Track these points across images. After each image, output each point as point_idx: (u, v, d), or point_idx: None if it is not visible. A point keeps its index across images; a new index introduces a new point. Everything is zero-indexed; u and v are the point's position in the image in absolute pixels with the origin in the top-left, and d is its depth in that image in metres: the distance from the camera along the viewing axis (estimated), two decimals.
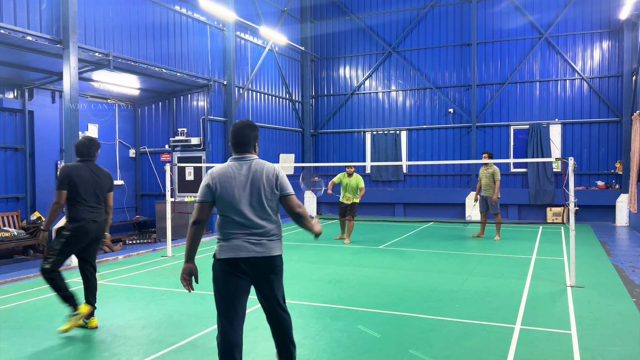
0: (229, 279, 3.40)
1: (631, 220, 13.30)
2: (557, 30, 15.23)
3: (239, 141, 3.52)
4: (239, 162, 3.45)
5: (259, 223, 3.38)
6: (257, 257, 3.36)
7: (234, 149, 3.53)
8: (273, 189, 3.43)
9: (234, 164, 3.45)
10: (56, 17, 8.95)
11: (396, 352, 4.36)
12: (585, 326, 5.04)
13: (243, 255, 3.34)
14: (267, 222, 3.41)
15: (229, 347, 3.31)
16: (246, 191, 3.37)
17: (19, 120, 10.65)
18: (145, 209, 13.98)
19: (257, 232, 3.38)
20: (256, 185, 3.39)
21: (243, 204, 3.36)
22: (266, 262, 3.39)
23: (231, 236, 3.38)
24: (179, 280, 7.33)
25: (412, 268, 8.07)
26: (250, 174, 3.41)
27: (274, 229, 3.45)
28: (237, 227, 3.37)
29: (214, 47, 13.30)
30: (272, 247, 3.42)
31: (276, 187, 3.44)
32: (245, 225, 3.37)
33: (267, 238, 3.40)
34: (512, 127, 15.73)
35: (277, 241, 3.48)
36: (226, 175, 3.39)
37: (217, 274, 3.48)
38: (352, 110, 17.83)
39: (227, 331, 3.34)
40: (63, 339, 4.80)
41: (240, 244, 3.36)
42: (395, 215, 16.90)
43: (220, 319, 3.41)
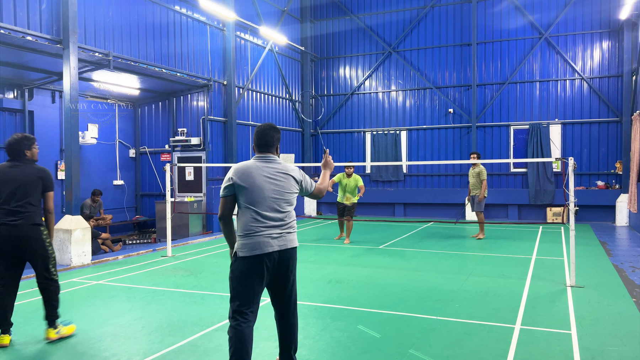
0: (251, 276, 3.54)
1: (631, 220, 13.30)
2: (557, 30, 15.23)
3: (263, 142, 3.70)
4: (262, 161, 3.65)
5: (278, 216, 3.56)
6: (280, 250, 3.53)
7: (257, 149, 3.73)
8: (295, 187, 3.68)
9: (257, 161, 3.65)
10: (56, 17, 8.95)
11: (396, 352, 4.36)
12: (585, 326, 5.03)
13: (267, 250, 3.49)
14: (285, 215, 3.60)
15: (243, 342, 3.48)
16: (267, 187, 3.54)
17: (19, 120, 10.65)
18: (145, 209, 13.99)
19: (277, 224, 3.55)
20: (277, 183, 3.58)
21: (263, 198, 3.53)
22: (287, 254, 3.58)
23: (252, 232, 3.51)
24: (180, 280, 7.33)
25: (412, 268, 8.07)
26: (272, 171, 3.60)
27: (291, 222, 3.65)
28: (256, 222, 3.52)
29: (214, 47, 13.30)
30: (291, 239, 3.62)
31: (301, 187, 3.75)
32: (265, 219, 3.52)
33: (286, 231, 3.59)
34: (512, 127, 15.73)
35: (294, 233, 3.68)
36: (249, 171, 3.56)
37: (238, 271, 3.60)
38: (352, 110, 17.83)
39: (242, 326, 3.52)
40: (63, 339, 4.80)
41: (262, 240, 3.49)
42: (395, 215, 16.90)
43: (235, 315, 3.58)
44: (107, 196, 12.74)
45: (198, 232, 12.63)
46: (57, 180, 11.36)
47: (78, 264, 8.58)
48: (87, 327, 5.19)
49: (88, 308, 5.90)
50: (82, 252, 8.71)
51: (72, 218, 8.75)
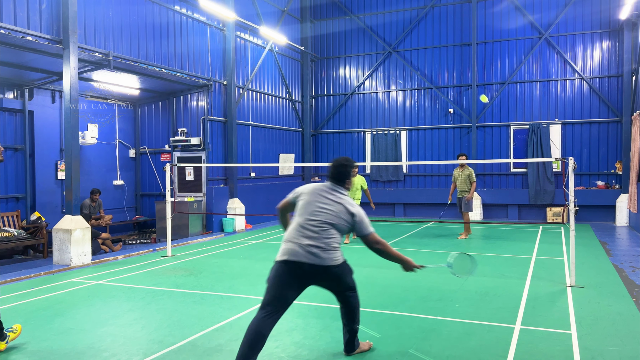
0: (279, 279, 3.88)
1: (631, 220, 13.30)
2: (557, 30, 15.23)
3: (335, 176, 4.15)
4: (328, 187, 4.10)
5: (314, 230, 3.89)
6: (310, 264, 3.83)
7: (330, 179, 4.17)
8: (344, 217, 3.98)
9: (324, 185, 4.11)
10: (56, 17, 8.95)
11: (396, 352, 4.36)
12: (585, 326, 5.03)
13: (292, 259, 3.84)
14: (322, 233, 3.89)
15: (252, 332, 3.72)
16: (316, 205, 3.97)
17: (19, 120, 10.65)
18: (145, 209, 13.98)
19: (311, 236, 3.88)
20: (327, 206, 3.97)
21: (309, 213, 3.96)
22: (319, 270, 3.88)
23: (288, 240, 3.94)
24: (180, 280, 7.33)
25: None
26: (329, 196, 4.02)
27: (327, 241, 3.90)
28: (295, 231, 3.94)
29: (214, 47, 13.30)
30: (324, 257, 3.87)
31: (353, 223, 4.02)
32: (303, 229, 3.91)
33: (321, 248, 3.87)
34: (512, 127, 15.73)
35: (330, 253, 3.91)
36: (312, 189, 4.09)
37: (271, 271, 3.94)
38: (352, 110, 17.83)
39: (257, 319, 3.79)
40: (63, 339, 4.80)
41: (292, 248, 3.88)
42: (395, 215, 16.90)
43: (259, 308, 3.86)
44: (107, 196, 12.74)
45: (198, 232, 12.63)
46: (57, 180, 11.37)
47: (78, 264, 8.58)
48: (87, 327, 5.19)
49: (88, 308, 5.90)
50: (82, 252, 8.71)
51: (72, 218, 8.75)
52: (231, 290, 6.69)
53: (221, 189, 13.31)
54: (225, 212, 13.29)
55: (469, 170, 11.43)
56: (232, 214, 12.31)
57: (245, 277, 7.53)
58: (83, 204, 10.95)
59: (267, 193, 15.27)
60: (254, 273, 7.80)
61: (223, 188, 13.39)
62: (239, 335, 4.82)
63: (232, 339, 4.73)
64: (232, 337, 4.80)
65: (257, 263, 8.70)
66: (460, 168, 11.58)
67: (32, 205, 10.86)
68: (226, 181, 13.72)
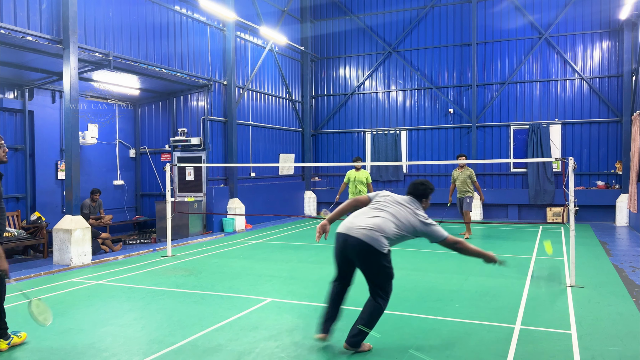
0: (336, 250, 4.46)
1: (631, 220, 13.30)
2: (557, 30, 15.23)
3: (414, 192, 4.56)
4: (410, 200, 4.49)
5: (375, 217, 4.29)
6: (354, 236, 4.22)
7: (409, 195, 4.57)
8: (411, 222, 4.32)
9: (407, 198, 4.51)
10: (56, 17, 8.95)
11: (396, 352, 4.36)
12: (585, 326, 5.03)
13: (342, 231, 4.33)
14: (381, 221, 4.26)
15: (330, 297, 4.54)
16: (390, 202, 4.41)
17: (19, 120, 10.65)
18: (145, 209, 13.99)
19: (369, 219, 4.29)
20: (398, 207, 4.38)
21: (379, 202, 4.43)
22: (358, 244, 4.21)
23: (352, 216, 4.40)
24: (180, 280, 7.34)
25: (412, 268, 8.07)
26: (404, 203, 4.42)
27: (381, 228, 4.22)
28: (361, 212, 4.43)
29: (214, 47, 13.30)
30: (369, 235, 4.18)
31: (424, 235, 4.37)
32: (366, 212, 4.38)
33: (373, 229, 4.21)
34: (512, 127, 15.73)
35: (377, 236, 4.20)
36: (395, 197, 4.51)
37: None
38: (352, 110, 17.83)
39: (331, 287, 4.57)
40: (63, 339, 4.80)
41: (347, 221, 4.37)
42: None
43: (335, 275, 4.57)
44: (107, 196, 12.74)
45: (198, 232, 12.63)
46: (57, 180, 11.37)
47: (78, 264, 8.58)
48: (87, 327, 5.19)
49: (88, 308, 5.90)
50: (82, 252, 8.71)
51: (72, 218, 8.75)
52: (231, 290, 6.69)
53: (221, 189, 13.31)
54: (225, 212, 13.29)
55: (469, 171, 11.47)
56: (232, 214, 12.31)
57: (245, 277, 7.54)
58: (83, 204, 10.95)
59: (267, 193, 15.28)
60: (254, 273, 7.80)
61: (223, 188, 13.39)
62: (239, 335, 4.83)
63: (232, 339, 4.73)
64: (232, 337, 4.80)
65: (257, 263, 8.70)
66: (460, 168, 11.60)
67: (32, 205, 10.87)
68: (226, 181, 13.72)
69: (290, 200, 16.61)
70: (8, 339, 4.55)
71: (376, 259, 4.20)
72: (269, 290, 6.65)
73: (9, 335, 4.57)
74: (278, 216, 15.46)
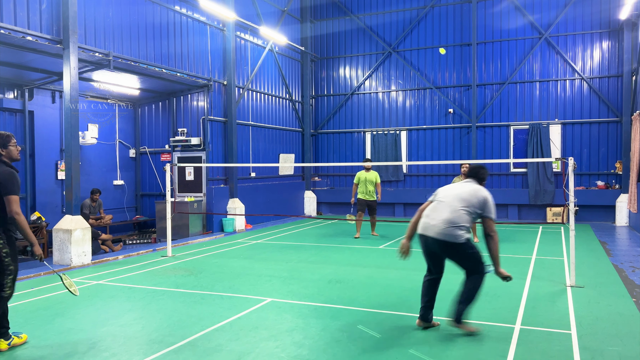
0: (422, 248, 5.02)
1: (631, 220, 13.30)
2: (557, 30, 15.23)
3: (474, 175, 5.05)
4: (469, 180, 5.01)
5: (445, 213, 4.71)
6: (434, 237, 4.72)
7: (468, 177, 5.07)
8: (474, 203, 4.72)
9: (464, 181, 5.01)
10: (56, 17, 8.95)
11: (396, 352, 4.36)
12: (585, 326, 5.04)
13: (421, 232, 4.87)
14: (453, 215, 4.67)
15: (425, 288, 5.06)
16: (452, 193, 4.84)
17: (19, 120, 10.65)
18: (145, 209, 13.99)
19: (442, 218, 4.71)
20: (460, 193, 4.78)
21: (444, 196, 4.84)
22: (440, 244, 4.72)
23: (424, 217, 4.86)
24: (180, 280, 7.33)
25: (412, 268, 8.06)
26: (468, 189, 4.84)
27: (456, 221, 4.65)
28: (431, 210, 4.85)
29: (214, 47, 13.30)
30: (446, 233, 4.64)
31: (479, 207, 4.73)
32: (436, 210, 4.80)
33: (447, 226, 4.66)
34: (512, 127, 15.73)
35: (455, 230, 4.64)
36: (449, 186, 5.00)
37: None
38: (352, 110, 17.83)
39: (425, 279, 5.09)
40: (63, 339, 4.80)
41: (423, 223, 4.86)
42: (395, 215, 16.90)
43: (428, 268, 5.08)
44: (107, 196, 12.74)
45: (198, 232, 12.63)
46: (57, 180, 11.37)
47: (78, 264, 8.58)
48: (87, 327, 5.20)
49: (88, 308, 5.91)
50: (82, 252, 8.71)
51: (72, 218, 8.75)
52: (231, 290, 6.69)
53: (221, 189, 13.31)
54: (225, 212, 13.29)
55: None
56: (232, 214, 12.31)
57: (245, 277, 7.54)
58: (83, 203, 10.95)
59: (267, 193, 15.28)
60: (254, 273, 7.80)
61: (223, 188, 13.39)
62: (239, 335, 4.83)
63: (232, 339, 4.73)
64: (232, 337, 4.80)
65: (257, 263, 8.70)
66: (463, 176, 11.14)
67: (32, 205, 10.86)
68: (226, 181, 13.72)
69: (290, 200, 16.61)
70: (9, 339, 4.55)
71: (457, 249, 4.66)
72: (269, 290, 6.65)
73: (9, 335, 4.57)
74: (278, 216, 15.46)
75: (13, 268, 4.42)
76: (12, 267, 4.40)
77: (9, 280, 4.41)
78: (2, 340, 4.52)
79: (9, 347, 4.55)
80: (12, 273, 4.42)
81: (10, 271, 4.40)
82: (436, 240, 4.68)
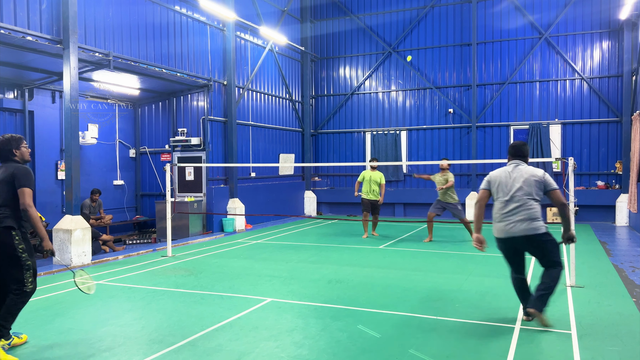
0: (502, 250, 5.09)
1: (631, 220, 13.30)
2: (557, 30, 15.23)
3: (514, 152, 5.18)
4: (515, 166, 5.06)
5: (514, 206, 4.85)
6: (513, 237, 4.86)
7: (510, 157, 5.19)
8: (539, 189, 4.88)
9: (509, 167, 5.09)
10: (56, 17, 8.95)
11: (396, 352, 4.36)
12: (585, 326, 5.03)
13: (500, 236, 4.95)
14: (521, 206, 4.83)
15: (516, 285, 5.13)
16: (509, 184, 4.92)
17: (19, 120, 10.65)
18: (146, 209, 13.99)
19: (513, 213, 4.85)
20: (523, 181, 4.88)
21: (505, 192, 4.92)
22: (520, 240, 4.86)
23: (497, 220, 4.97)
24: (180, 280, 7.33)
25: (412, 268, 8.07)
26: (519, 173, 4.96)
27: (528, 211, 4.81)
28: (499, 210, 4.95)
29: (214, 47, 13.30)
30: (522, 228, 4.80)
31: (541, 189, 4.90)
32: (505, 208, 4.90)
33: (521, 218, 4.81)
34: (512, 127, 15.73)
35: (532, 221, 4.81)
36: (503, 175, 5.04)
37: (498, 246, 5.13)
38: (352, 110, 17.83)
39: (513, 276, 5.15)
40: (63, 339, 4.80)
41: (500, 226, 4.93)
42: (395, 215, 16.90)
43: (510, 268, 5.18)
44: (107, 196, 12.75)
45: (198, 232, 12.63)
46: (57, 180, 11.37)
47: (78, 264, 8.58)
48: (87, 327, 5.20)
49: (88, 308, 5.91)
50: (82, 252, 8.71)
51: (72, 218, 8.75)
52: (231, 290, 6.69)
53: (221, 189, 13.31)
54: (225, 212, 13.29)
55: (447, 175, 10.83)
56: (232, 214, 12.32)
57: (245, 277, 7.54)
58: (83, 204, 10.95)
59: (267, 193, 15.28)
60: (254, 273, 7.80)
61: (223, 188, 13.39)
62: (239, 335, 4.83)
63: (232, 339, 4.73)
64: (232, 337, 4.81)
65: (257, 263, 8.70)
66: (443, 172, 10.93)
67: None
68: (226, 181, 13.72)
69: (290, 200, 16.61)
70: (9, 339, 4.56)
71: (543, 241, 4.83)
72: (269, 290, 6.65)
73: (10, 335, 4.58)
74: (278, 216, 15.47)
75: (30, 263, 4.50)
76: (29, 262, 4.49)
77: (29, 275, 4.50)
78: (2, 340, 4.52)
79: (10, 347, 4.55)
80: (30, 268, 4.51)
81: (28, 266, 4.49)
82: (523, 238, 4.81)
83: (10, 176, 4.42)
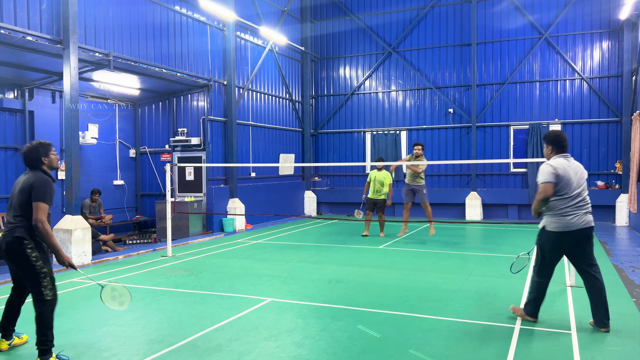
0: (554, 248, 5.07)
1: (631, 220, 13.30)
2: (557, 30, 15.23)
3: (564, 144, 5.02)
4: (566, 158, 4.98)
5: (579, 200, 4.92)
6: (580, 229, 4.87)
7: (559, 150, 5.01)
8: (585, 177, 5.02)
9: (564, 160, 4.96)
10: (56, 17, 8.95)
11: (396, 352, 4.37)
12: (585, 326, 5.04)
13: (567, 229, 4.87)
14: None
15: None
16: (573, 177, 4.91)
17: (19, 120, 10.65)
18: (146, 209, 13.99)
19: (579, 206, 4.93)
20: (581, 173, 4.98)
21: (574, 187, 4.91)
22: (585, 233, 4.91)
23: (562, 212, 4.89)
24: (180, 280, 7.33)
25: (412, 268, 8.07)
26: (575, 165, 4.98)
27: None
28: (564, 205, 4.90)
29: (214, 47, 13.30)
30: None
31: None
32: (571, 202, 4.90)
33: (584, 211, 4.96)
34: (512, 127, 15.73)
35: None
36: (566, 167, 4.91)
37: (547, 242, 5.10)
38: (352, 110, 17.83)
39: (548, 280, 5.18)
40: (63, 339, 4.80)
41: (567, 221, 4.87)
42: (395, 215, 16.89)
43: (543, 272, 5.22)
44: (107, 196, 12.74)
45: (198, 232, 12.63)
46: (57, 180, 11.37)
47: (78, 264, 8.57)
48: (87, 327, 5.20)
49: (88, 308, 5.91)
50: (82, 252, 8.71)
51: (72, 218, 8.75)
52: (231, 290, 6.69)
53: (221, 189, 13.31)
54: (225, 212, 13.29)
55: (425, 161, 11.18)
56: (232, 214, 12.32)
57: (245, 277, 7.54)
58: (83, 204, 10.96)
59: (267, 193, 15.28)
60: (254, 273, 7.80)
61: (223, 188, 13.39)
62: (239, 335, 4.83)
63: (232, 339, 4.73)
64: (232, 337, 4.81)
65: (257, 263, 8.70)
66: (416, 158, 11.28)
67: None
68: (226, 181, 13.72)
69: (290, 200, 16.61)
70: (10, 339, 4.57)
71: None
72: (269, 290, 6.66)
73: (12, 336, 4.59)
74: (278, 216, 15.47)
75: (47, 270, 4.30)
76: (45, 269, 4.29)
77: (47, 282, 4.29)
78: (3, 341, 4.53)
79: (10, 347, 4.56)
80: (47, 275, 4.30)
81: (44, 274, 4.29)
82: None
83: (29, 186, 4.29)
